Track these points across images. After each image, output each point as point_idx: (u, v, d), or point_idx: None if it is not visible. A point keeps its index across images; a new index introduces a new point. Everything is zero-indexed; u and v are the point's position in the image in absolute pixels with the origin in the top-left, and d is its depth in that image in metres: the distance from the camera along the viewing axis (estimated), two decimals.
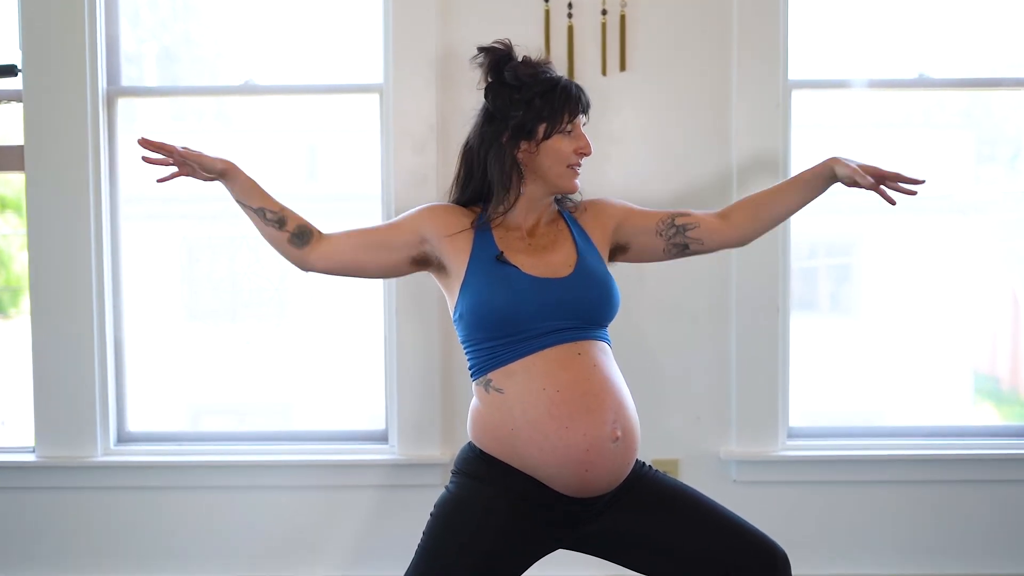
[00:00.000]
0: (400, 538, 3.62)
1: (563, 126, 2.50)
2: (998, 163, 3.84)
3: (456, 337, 3.53)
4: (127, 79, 3.71)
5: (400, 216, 2.65)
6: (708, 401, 3.64)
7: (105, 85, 3.63)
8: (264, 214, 2.58)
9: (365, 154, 3.68)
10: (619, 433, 2.40)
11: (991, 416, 3.85)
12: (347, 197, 3.80)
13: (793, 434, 3.68)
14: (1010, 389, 3.93)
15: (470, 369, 2.51)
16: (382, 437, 3.72)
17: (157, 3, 3.80)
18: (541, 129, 2.50)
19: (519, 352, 2.42)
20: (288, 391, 3.87)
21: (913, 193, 2.62)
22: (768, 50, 3.51)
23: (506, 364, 2.43)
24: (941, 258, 3.83)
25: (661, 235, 2.66)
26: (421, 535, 2.50)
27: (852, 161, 2.62)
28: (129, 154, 3.67)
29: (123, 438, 3.74)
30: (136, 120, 3.77)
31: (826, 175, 2.65)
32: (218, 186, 2.61)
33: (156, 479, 3.66)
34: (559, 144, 2.51)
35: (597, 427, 2.38)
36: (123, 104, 3.68)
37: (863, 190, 2.62)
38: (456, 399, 3.61)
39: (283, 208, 2.60)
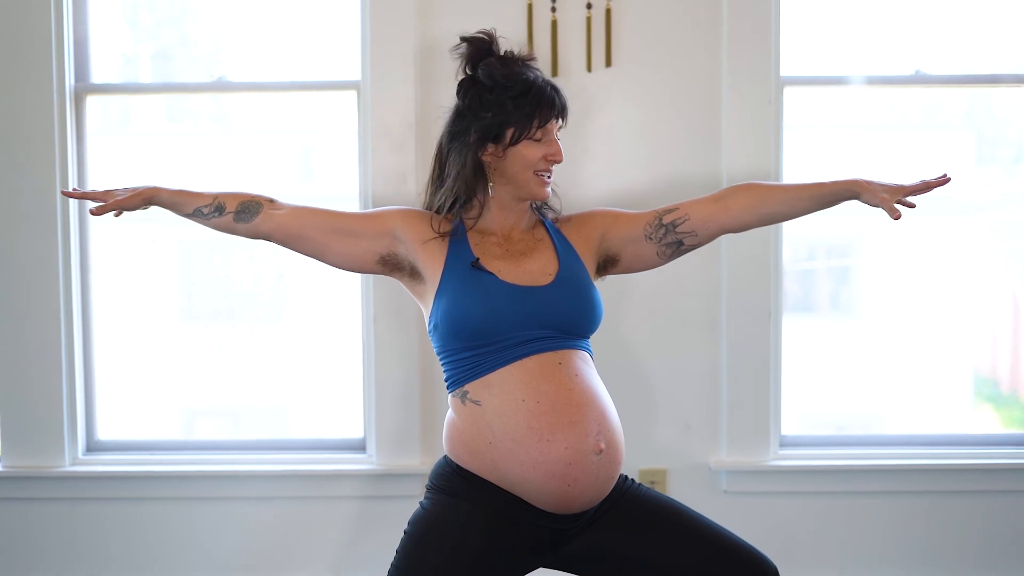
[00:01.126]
0: (378, 550, 3.51)
1: (532, 132, 2.37)
2: (999, 164, 3.74)
3: None
4: (102, 77, 3.61)
5: (375, 209, 2.52)
6: (698, 409, 3.53)
7: (73, 82, 3.51)
8: (201, 213, 2.47)
9: (342, 153, 3.57)
10: (602, 445, 2.29)
11: (989, 424, 3.75)
12: (323, 198, 3.67)
13: (785, 443, 3.57)
14: (1010, 391, 3.87)
15: (446, 381, 2.40)
16: (360, 446, 3.60)
17: (131, 1, 3.71)
18: (509, 134, 2.36)
19: (496, 362, 2.30)
20: (263, 398, 3.77)
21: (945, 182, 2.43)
22: (759, 45, 3.40)
23: (483, 375, 2.31)
24: (941, 259, 3.74)
25: (651, 239, 2.49)
26: (394, 554, 2.38)
27: (879, 184, 2.40)
28: (99, 153, 3.57)
29: (92, 447, 3.63)
30: (130, 121, 3.68)
31: (847, 197, 2.44)
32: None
33: (126, 489, 3.55)
34: (526, 151, 2.37)
35: (579, 439, 2.26)
36: (102, 102, 3.58)
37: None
38: (436, 407, 3.50)
39: (216, 196, 2.47)
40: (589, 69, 3.40)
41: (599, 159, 3.43)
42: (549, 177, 2.41)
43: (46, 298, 3.48)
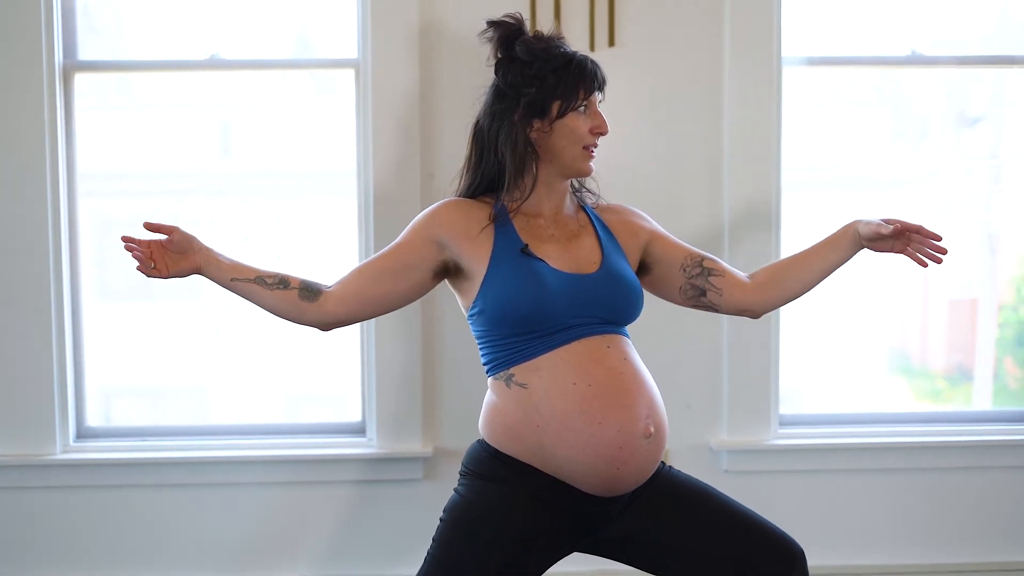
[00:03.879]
0: (379, 535, 3.51)
1: (578, 103, 2.37)
2: (907, 141, 3.79)
3: (438, 323, 3.45)
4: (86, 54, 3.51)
5: (407, 231, 2.43)
6: (698, 389, 3.54)
7: (61, 59, 3.42)
8: (264, 281, 2.36)
9: (262, 129, 3.56)
10: (652, 429, 2.30)
11: (984, 401, 3.79)
12: (243, 175, 3.65)
13: (785, 422, 3.60)
14: (920, 365, 3.93)
15: (486, 364, 2.37)
16: (359, 430, 3.57)
17: None
18: (555, 107, 2.35)
19: (544, 347, 2.29)
20: (259, 382, 3.69)
21: (938, 260, 2.44)
22: (761, 26, 3.40)
23: (530, 359, 2.29)
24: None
25: (684, 271, 2.51)
26: (431, 542, 2.35)
27: (874, 220, 2.44)
28: (87, 131, 3.49)
29: (83, 434, 3.56)
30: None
31: (850, 235, 2.48)
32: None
33: (119, 477, 3.48)
34: (574, 123, 2.37)
35: (631, 423, 2.27)
36: (79, 79, 3.48)
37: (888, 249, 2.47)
38: (438, 389, 3.48)
39: (278, 272, 2.39)
40: (592, 48, 3.37)
41: (601, 138, 3.39)
42: (594, 151, 2.41)
43: (35, 280, 3.40)
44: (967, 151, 3.76)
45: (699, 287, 2.52)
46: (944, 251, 2.44)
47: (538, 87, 2.35)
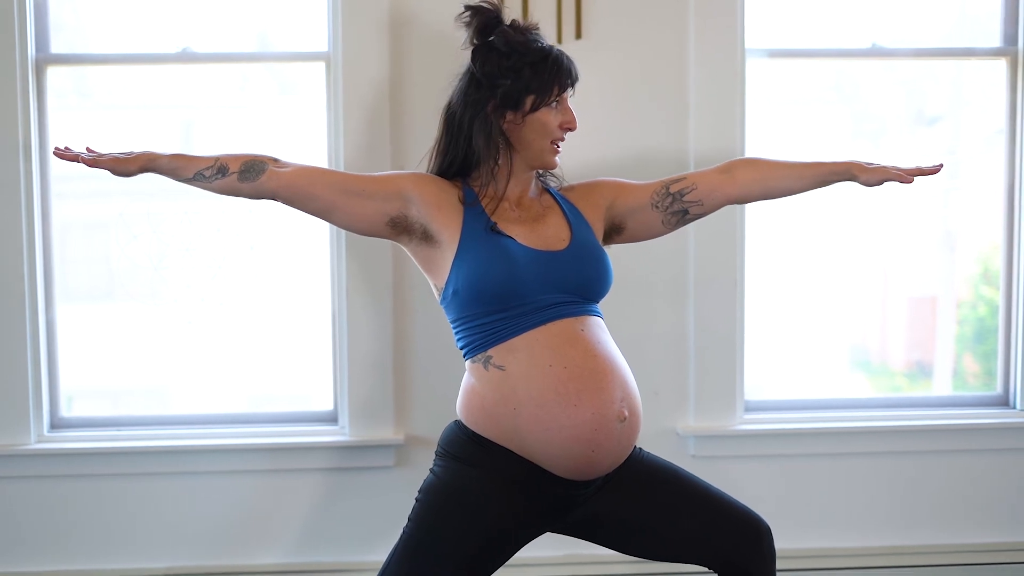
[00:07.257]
0: (352, 522, 3.55)
1: (551, 99, 2.41)
2: (866, 139, 3.86)
3: (409, 313, 3.49)
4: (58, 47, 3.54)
5: (386, 172, 2.51)
6: (666, 376, 3.60)
7: (34, 53, 3.44)
8: (203, 176, 2.42)
9: (226, 126, 3.61)
10: (626, 413, 2.34)
11: (945, 387, 3.87)
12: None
13: (750, 408, 3.66)
14: (880, 362, 3.99)
15: (463, 348, 2.41)
16: (331, 418, 3.61)
17: None
18: (529, 101, 2.40)
19: (519, 327, 2.33)
20: (231, 372, 3.72)
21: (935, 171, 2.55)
22: (726, 17, 3.47)
23: (507, 340, 2.33)
24: (821, 234, 3.80)
25: (657, 207, 2.55)
26: (407, 521, 2.38)
27: (876, 166, 2.51)
28: (61, 125, 3.51)
29: (57, 424, 3.57)
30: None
31: (845, 178, 2.53)
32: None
33: (93, 466, 3.51)
34: (545, 117, 2.42)
35: (605, 406, 2.31)
36: (51, 73, 3.50)
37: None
38: (410, 377, 3.52)
39: (217, 159, 2.42)
40: (560, 41, 3.43)
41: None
42: (560, 146, 2.46)
43: (9, 273, 3.42)
44: (925, 149, 3.82)
45: (678, 211, 2.56)
46: (910, 180, 2.51)
47: (514, 80, 2.39)
